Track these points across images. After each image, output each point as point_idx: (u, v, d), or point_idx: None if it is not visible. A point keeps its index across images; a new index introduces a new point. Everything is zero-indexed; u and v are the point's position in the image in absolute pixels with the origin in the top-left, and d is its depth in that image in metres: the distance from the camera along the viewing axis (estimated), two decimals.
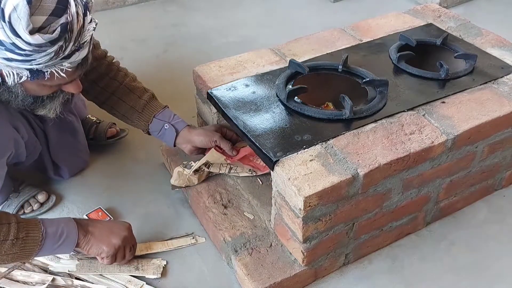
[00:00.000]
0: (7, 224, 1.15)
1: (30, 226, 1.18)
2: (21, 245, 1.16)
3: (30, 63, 1.05)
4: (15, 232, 1.15)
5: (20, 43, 1.00)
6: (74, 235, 1.24)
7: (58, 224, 1.22)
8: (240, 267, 1.29)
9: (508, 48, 1.62)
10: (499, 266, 1.40)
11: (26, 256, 1.20)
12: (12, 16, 0.98)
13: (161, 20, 2.68)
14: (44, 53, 1.03)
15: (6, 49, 1.02)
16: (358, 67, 1.48)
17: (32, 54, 1.03)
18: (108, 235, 1.30)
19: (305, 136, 1.26)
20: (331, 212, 1.20)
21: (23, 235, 1.16)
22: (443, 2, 2.73)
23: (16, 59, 1.03)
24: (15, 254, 1.16)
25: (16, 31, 0.99)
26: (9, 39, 1.00)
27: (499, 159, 1.50)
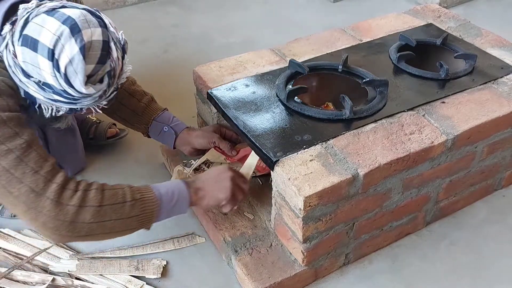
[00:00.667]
0: (120, 188, 1.15)
1: (142, 189, 1.18)
2: (140, 206, 1.15)
3: (75, 105, 1.11)
4: (131, 194, 1.14)
5: (72, 92, 1.06)
6: (185, 193, 1.22)
7: (167, 186, 1.22)
8: (240, 267, 1.29)
9: (508, 48, 1.63)
10: (499, 266, 1.40)
11: (149, 218, 1.17)
12: (68, 68, 1.02)
13: (161, 20, 2.68)
14: (90, 98, 1.10)
15: (54, 92, 1.07)
16: (358, 67, 1.48)
17: (80, 99, 1.09)
18: (217, 182, 1.26)
19: (305, 136, 1.26)
20: (331, 212, 1.20)
21: (139, 196, 1.15)
22: (443, 2, 2.73)
23: (62, 101, 1.10)
24: (139, 217, 1.15)
25: (71, 83, 1.04)
26: (60, 86, 1.05)
27: (499, 159, 1.50)
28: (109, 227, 1.12)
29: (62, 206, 1.06)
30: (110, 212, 1.11)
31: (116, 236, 1.17)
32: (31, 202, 1.05)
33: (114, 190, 1.14)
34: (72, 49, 1.01)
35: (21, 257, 1.38)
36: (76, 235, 1.10)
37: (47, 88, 1.07)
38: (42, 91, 1.08)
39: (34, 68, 1.04)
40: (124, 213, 1.13)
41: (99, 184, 1.14)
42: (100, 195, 1.11)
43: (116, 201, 1.12)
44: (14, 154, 1.05)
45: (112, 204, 1.11)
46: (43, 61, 1.02)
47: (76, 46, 1.02)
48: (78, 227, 1.08)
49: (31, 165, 1.06)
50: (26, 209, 1.06)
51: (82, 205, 1.08)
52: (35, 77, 1.06)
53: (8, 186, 1.05)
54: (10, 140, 1.05)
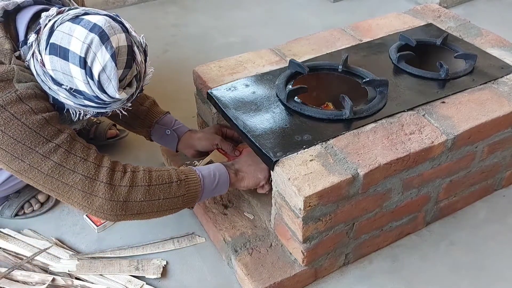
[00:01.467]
0: (166, 170, 1.22)
1: (185, 170, 1.25)
2: (185, 186, 1.22)
3: (105, 109, 1.14)
4: (176, 175, 1.22)
5: (105, 97, 1.08)
6: (225, 174, 1.29)
7: (209, 168, 1.29)
8: (240, 267, 1.29)
9: (508, 48, 1.63)
10: (499, 266, 1.40)
11: (194, 197, 1.25)
12: (101, 76, 1.05)
13: (161, 20, 2.68)
14: (120, 102, 1.13)
15: (86, 98, 1.10)
16: (358, 67, 1.48)
17: (111, 103, 1.11)
18: (255, 163, 1.32)
19: (305, 136, 1.26)
20: (331, 212, 1.20)
21: (184, 176, 1.23)
22: (443, 2, 2.73)
23: (92, 106, 1.12)
24: (184, 196, 1.23)
25: (105, 90, 1.07)
26: (93, 93, 1.07)
27: (499, 159, 1.50)
28: (157, 206, 1.20)
29: (115, 187, 1.15)
30: (158, 192, 1.19)
31: (163, 215, 1.25)
32: (87, 188, 1.13)
33: (160, 171, 1.22)
34: (104, 56, 1.04)
35: (21, 257, 1.38)
36: (129, 214, 1.18)
37: (79, 94, 1.09)
38: (73, 98, 1.11)
39: (65, 76, 1.06)
40: (171, 193, 1.20)
41: (146, 167, 1.22)
42: (148, 175, 1.19)
43: (163, 181, 1.20)
44: (62, 148, 1.11)
45: (160, 184, 1.19)
46: (75, 69, 1.04)
47: (108, 53, 1.04)
48: (130, 206, 1.17)
49: (79, 154, 1.13)
50: (83, 196, 1.14)
51: (133, 185, 1.16)
52: (66, 85, 1.08)
53: (63, 179, 1.12)
54: (55, 137, 1.11)
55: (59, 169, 1.11)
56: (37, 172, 1.10)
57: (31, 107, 1.08)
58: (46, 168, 1.10)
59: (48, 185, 1.12)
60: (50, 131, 1.10)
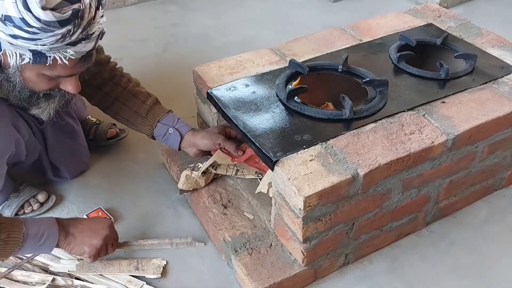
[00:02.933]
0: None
1: (11, 227, 1.17)
2: (1, 246, 1.15)
3: (35, 42, 1.04)
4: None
5: (30, 18, 1.00)
6: (55, 237, 1.24)
7: (40, 225, 1.22)
8: (240, 267, 1.29)
9: (508, 48, 1.62)
10: (499, 266, 1.40)
11: (4, 255, 1.20)
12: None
13: (161, 20, 2.68)
14: (51, 34, 1.03)
15: (14, 26, 1.02)
16: (358, 67, 1.48)
17: (39, 32, 1.02)
18: (89, 236, 1.29)
19: (305, 136, 1.26)
20: (331, 212, 1.20)
21: (4, 236, 1.15)
22: (443, 2, 2.73)
23: (22, 37, 1.03)
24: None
25: (28, 6, 0.99)
26: (19, 14, 1.00)
27: (499, 159, 1.50)
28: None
29: None
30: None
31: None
32: None
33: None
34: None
35: (21, 257, 1.38)
36: None
37: (8, 22, 1.01)
38: (3, 27, 1.02)
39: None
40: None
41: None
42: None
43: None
44: None
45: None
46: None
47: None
48: None
49: None
50: None
51: None
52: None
53: None
54: None
55: None
56: None
57: None
58: None
59: None
60: None
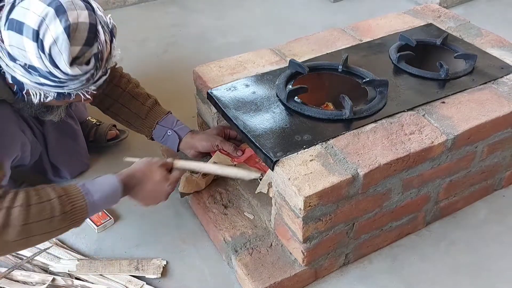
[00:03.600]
0: (47, 201, 1.09)
1: (73, 197, 1.13)
2: (70, 218, 1.12)
3: (62, 88, 1.09)
4: (60, 207, 1.10)
5: (58, 73, 1.04)
6: (118, 198, 1.22)
7: (104, 191, 1.18)
8: (240, 267, 1.29)
9: (508, 48, 1.63)
10: (499, 266, 1.40)
11: (78, 224, 1.16)
12: (52, 48, 1.02)
13: (161, 20, 2.68)
14: (77, 81, 1.08)
15: (40, 75, 1.06)
16: (358, 67, 1.48)
17: (66, 82, 1.07)
18: (153, 198, 1.30)
19: (305, 136, 1.26)
20: (331, 212, 1.20)
21: (69, 208, 1.11)
22: (443, 2, 2.74)
23: (48, 84, 1.08)
24: (67, 226, 1.13)
25: (56, 63, 1.03)
26: (46, 68, 1.04)
27: (499, 159, 1.50)
28: (34, 242, 1.11)
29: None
30: (36, 229, 1.07)
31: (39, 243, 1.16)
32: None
33: (41, 204, 1.08)
34: (56, 29, 1.01)
35: (21, 257, 1.38)
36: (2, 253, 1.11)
37: (33, 71, 1.05)
38: (28, 75, 1.07)
39: (19, 51, 1.04)
40: (52, 227, 1.10)
41: (25, 196, 1.07)
42: (25, 212, 1.05)
43: (43, 217, 1.08)
44: None
45: (38, 221, 1.07)
46: (28, 42, 1.02)
47: (61, 26, 1.01)
48: (2, 246, 1.07)
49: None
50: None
51: (6, 225, 1.03)
52: (21, 60, 1.05)
53: None
54: None
55: None
56: None
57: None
58: None
59: None
60: None
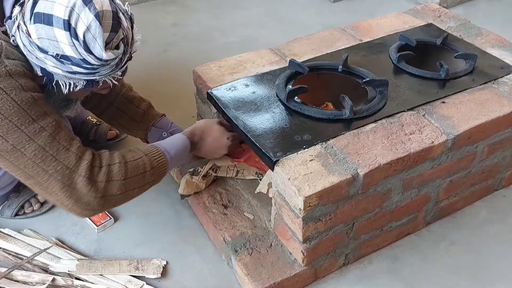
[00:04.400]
0: (140, 159, 1.22)
1: (156, 155, 1.26)
2: (157, 172, 1.25)
3: (93, 75, 1.11)
4: (150, 163, 1.23)
5: (92, 59, 1.07)
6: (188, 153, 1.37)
7: (177, 146, 1.32)
8: (240, 267, 1.29)
9: (508, 48, 1.63)
10: (499, 266, 1.40)
11: (160, 179, 1.30)
12: (86, 35, 1.04)
13: (161, 20, 2.68)
14: (108, 66, 1.11)
15: (73, 64, 1.08)
16: (358, 67, 1.48)
17: (99, 67, 1.09)
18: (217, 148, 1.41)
19: (305, 136, 1.26)
20: (331, 212, 1.20)
21: (155, 163, 1.25)
22: (443, 2, 2.73)
23: (81, 72, 1.10)
24: (154, 182, 1.27)
25: (91, 50, 1.05)
26: (80, 55, 1.06)
27: (499, 159, 1.50)
28: (131, 195, 1.22)
29: (93, 182, 1.13)
30: (133, 183, 1.20)
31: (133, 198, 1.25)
32: (66, 179, 1.10)
33: (135, 161, 1.21)
34: (87, 16, 1.04)
35: (21, 257, 1.38)
36: (105, 207, 1.19)
37: (66, 60, 1.07)
38: (60, 65, 1.08)
39: (50, 42, 1.05)
40: (144, 181, 1.23)
41: (121, 156, 1.20)
42: (124, 168, 1.18)
43: (138, 172, 1.21)
44: (47, 132, 1.09)
45: (135, 176, 1.20)
46: (60, 32, 1.03)
47: (91, 13, 1.04)
48: (107, 200, 1.16)
49: (63, 143, 1.11)
50: (61, 187, 1.10)
51: (109, 179, 1.15)
52: (53, 51, 1.06)
53: (44, 165, 1.08)
54: (41, 118, 1.09)
55: (41, 153, 1.07)
56: (20, 155, 1.07)
57: (20, 84, 1.06)
58: (29, 150, 1.07)
59: (29, 170, 1.08)
60: (37, 111, 1.08)
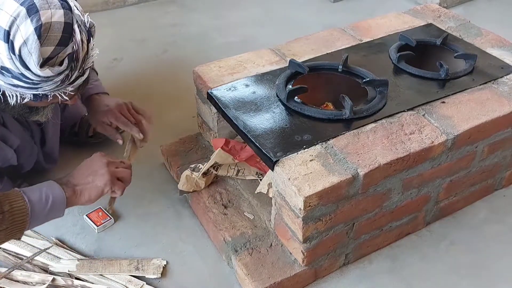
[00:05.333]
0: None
1: (11, 198, 1.10)
2: (9, 219, 1.08)
3: (36, 90, 1.07)
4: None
5: (29, 75, 1.02)
6: (60, 195, 1.17)
7: (40, 190, 1.15)
8: (240, 267, 1.29)
9: (508, 48, 1.63)
10: (499, 266, 1.40)
11: (20, 229, 1.11)
12: (22, 49, 0.99)
13: (161, 20, 2.68)
14: (51, 82, 1.06)
15: (13, 77, 1.04)
16: (358, 67, 1.48)
17: (40, 83, 1.05)
18: (92, 173, 1.24)
19: (305, 136, 1.26)
20: (331, 212, 1.20)
21: (8, 207, 1.08)
22: (443, 2, 2.73)
23: (22, 86, 1.06)
24: (7, 229, 1.08)
25: (26, 65, 1.00)
26: (17, 69, 1.01)
27: (499, 159, 1.50)
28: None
29: None
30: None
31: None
32: None
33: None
34: (27, 29, 0.98)
35: (21, 257, 1.38)
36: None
37: (6, 72, 1.03)
38: (2, 76, 1.04)
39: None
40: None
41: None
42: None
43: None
44: None
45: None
46: (0, 43, 0.99)
47: (31, 26, 0.98)
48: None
49: None
50: None
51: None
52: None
53: None
54: None
55: None
56: None
57: None
58: None
59: None
60: None
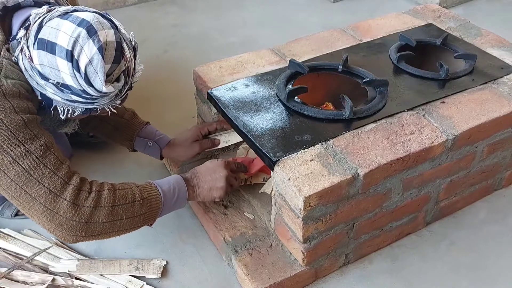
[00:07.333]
0: (129, 188, 1.21)
1: (147, 187, 1.24)
2: (147, 204, 1.21)
3: (92, 105, 1.12)
4: (139, 193, 1.21)
5: (92, 91, 1.07)
6: (184, 189, 1.30)
7: (169, 182, 1.29)
8: (241, 267, 1.29)
9: (508, 48, 1.63)
10: (499, 266, 1.40)
11: (154, 215, 1.25)
12: (88, 68, 1.05)
13: (161, 20, 2.68)
14: (107, 97, 1.12)
15: (73, 93, 1.09)
16: (358, 67, 1.48)
17: (98, 98, 1.10)
18: (213, 181, 1.34)
19: (305, 136, 1.26)
20: (331, 212, 1.20)
21: (146, 195, 1.22)
22: (443, 2, 2.74)
23: (79, 101, 1.11)
24: (145, 215, 1.22)
25: (91, 82, 1.06)
26: (80, 86, 1.07)
27: (499, 159, 1.50)
28: (118, 226, 1.18)
29: (78, 207, 1.11)
30: (121, 212, 1.17)
31: (122, 234, 1.21)
32: (49, 203, 1.09)
33: (124, 190, 1.19)
34: (91, 49, 1.04)
35: (21, 257, 1.38)
36: (89, 235, 1.15)
37: (66, 89, 1.08)
38: (60, 93, 1.10)
39: (52, 70, 1.06)
40: (133, 212, 1.19)
41: (110, 184, 1.19)
42: (113, 195, 1.16)
43: (127, 200, 1.18)
44: (34, 156, 1.08)
45: (123, 204, 1.17)
46: (62, 62, 1.04)
47: (95, 46, 1.04)
48: (92, 227, 1.13)
49: (50, 166, 1.09)
50: (43, 210, 1.09)
51: (97, 205, 1.13)
52: (53, 79, 1.07)
53: (26, 188, 1.08)
54: (29, 142, 1.08)
55: (25, 177, 1.07)
56: (3, 175, 1.06)
57: (12, 105, 1.06)
58: (13, 173, 1.06)
59: (11, 191, 1.08)
60: (26, 135, 1.07)
